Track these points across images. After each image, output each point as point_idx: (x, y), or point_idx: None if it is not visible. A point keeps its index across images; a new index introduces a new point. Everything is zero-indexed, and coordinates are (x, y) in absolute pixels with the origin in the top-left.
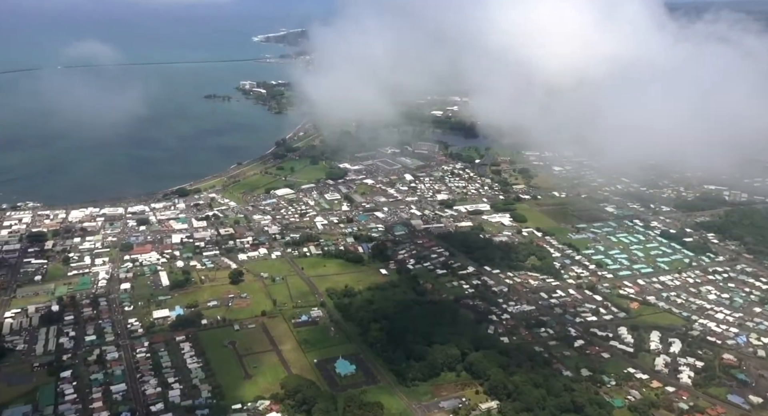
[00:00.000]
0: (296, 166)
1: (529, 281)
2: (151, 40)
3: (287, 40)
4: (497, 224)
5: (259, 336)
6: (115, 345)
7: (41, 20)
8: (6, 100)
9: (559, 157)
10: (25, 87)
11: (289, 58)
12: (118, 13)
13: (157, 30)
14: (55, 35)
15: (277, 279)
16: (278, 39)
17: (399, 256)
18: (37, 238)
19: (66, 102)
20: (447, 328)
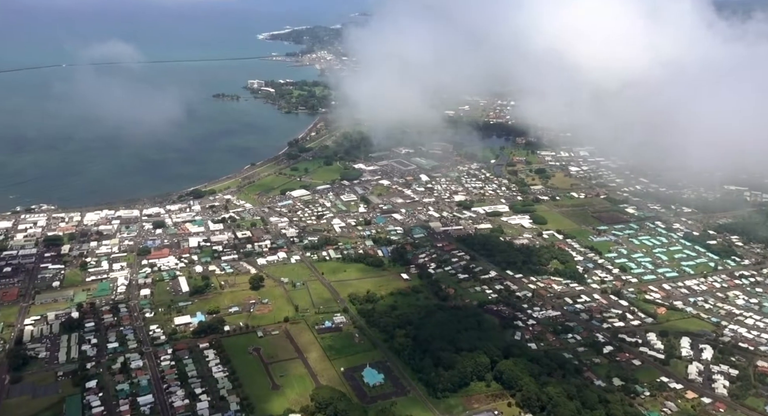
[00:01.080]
0: (310, 167)
1: (553, 286)
2: (154, 38)
3: (292, 38)
4: (517, 227)
5: (283, 342)
6: (139, 353)
7: (48, 18)
8: (14, 100)
9: (575, 157)
10: (31, 86)
11: (296, 56)
12: (123, 11)
13: (160, 27)
14: (60, 33)
15: (298, 284)
16: (283, 37)
17: (419, 260)
18: (53, 242)
19: (72, 102)
20: (473, 334)
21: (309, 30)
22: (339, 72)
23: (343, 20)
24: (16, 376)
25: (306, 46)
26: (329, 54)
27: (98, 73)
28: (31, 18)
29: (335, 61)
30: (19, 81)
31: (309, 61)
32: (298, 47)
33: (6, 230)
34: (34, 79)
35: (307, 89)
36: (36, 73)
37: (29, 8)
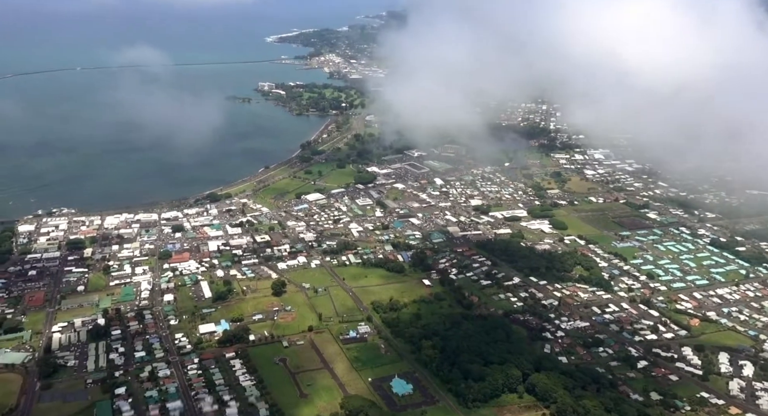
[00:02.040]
0: (323, 170)
1: (579, 294)
2: (163, 41)
3: (300, 41)
4: (537, 232)
5: (308, 353)
6: (166, 362)
7: (62, 22)
8: (30, 103)
9: (590, 160)
10: (46, 89)
11: (304, 58)
12: (130, 15)
13: (169, 31)
14: (74, 37)
15: (320, 291)
16: (291, 39)
17: (440, 265)
18: (75, 246)
19: (86, 105)
20: (502, 347)
21: (316, 33)
22: (374, 77)
23: (349, 23)
24: (47, 383)
25: (314, 49)
26: (337, 57)
27: (111, 77)
28: (45, 22)
29: (343, 63)
30: (35, 84)
31: (317, 64)
32: (306, 50)
33: (29, 234)
34: (49, 83)
35: (317, 92)
36: (51, 77)
37: (45, 13)
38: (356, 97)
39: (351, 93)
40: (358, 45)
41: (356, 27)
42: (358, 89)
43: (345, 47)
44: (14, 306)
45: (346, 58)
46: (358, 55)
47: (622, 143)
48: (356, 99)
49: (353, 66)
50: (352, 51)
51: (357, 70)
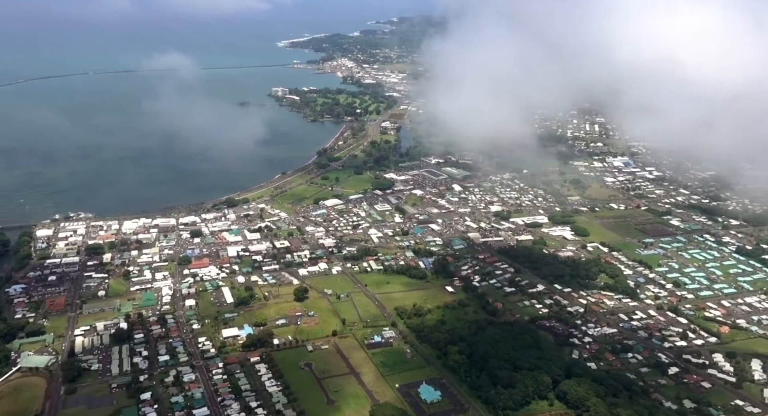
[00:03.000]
0: (340, 176)
1: (605, 301)
2: (175, 47)
3: (312, 46)
4: (559, 238)
5: (333, 358)
6: (190, 366)
7: (79, 27)
8: (44, 109)
9: (610, 167)
10: (59, 94)
11: (316, 63)
12: (143, 20)
13: (181, 36)
14: (90, 41)
15: (342, 296)
16: (303, 44)
17: (462, 272)
18: (94, 251)
19: (98, 109)
20: (531, 353)
21: (328, 37)
22: (388, 81)
23: (360, 28)
24: (71, 387)
25: (326, 54)
26: (350, 61)
27: (122, 81)
28: (61, 27)
29: (356, 68)
30: (48, 89)
31: (330, 69)
32: (317, 55)
33: (47, 238)
34: (61, 87)
35: (331, 97)
36: (63, 81)
37: (60, 18)
38: (371, 103)
39: (365, 99)
40: (371, 49)
41: (367, 32)
42: (373, 94)
43: (357, 52)
44: (35, 310)
45: (359, 63)
46: (371, 60)
47: (641, 151)
48: (371, 105)
49: (366, 70)
50: (365, 55)
51: (370, 74)
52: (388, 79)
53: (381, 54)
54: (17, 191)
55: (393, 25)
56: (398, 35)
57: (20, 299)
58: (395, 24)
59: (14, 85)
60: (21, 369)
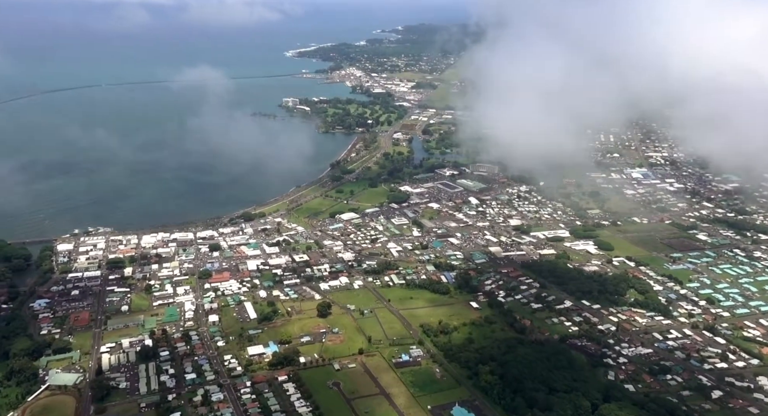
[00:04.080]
0: (355, 189)
1: (636, 319)
2: (187, 58)
3: (319, 55)
4: (582, 253)
5: (362, 377)
6: (218, 385)
7: (99, 40)
8: (58, 121)
9: (628, 179)
10: (73, 106)
11: (325, 72)
12: (165, 33)
13: (194, 47)
14: (106, 54)
15: (366, 312)
16: (310, 54)
17: (486, 287)
18: (115, 265)
19: (109, 123)
20: (566, 374)
21: (335, 47)
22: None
23: (366, 37)
24: (101, 407)
25: (334, 63)
26: (358, 70)
27: (134, 93)
28: (82, 40)
29: (365, 77)
30: (63, 101)
31: (339, 78)
32: (325, 64)
33: (68, 252)
34: (76, 100)
35: (341, 107)
36: (77, 94)
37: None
38: (381, 113)
39: (375, 109)
40: (378, 58)
41: (373, 41)
42: (383, 104)
43: (364, 61)
44: (60, 326)
45: (367, 72)
46: (378, 69)
47: (660, 162)
48: (381, 115)
49: (375, 79)
50: (372, 64)
51: (379, 83)
52: (397, 89)
53: (388, 63)
54: (36, 205)
55: (398, 34)
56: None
57: (45, 315)
58: (400, 33)
59: (29, 98)
60: (50, 387)
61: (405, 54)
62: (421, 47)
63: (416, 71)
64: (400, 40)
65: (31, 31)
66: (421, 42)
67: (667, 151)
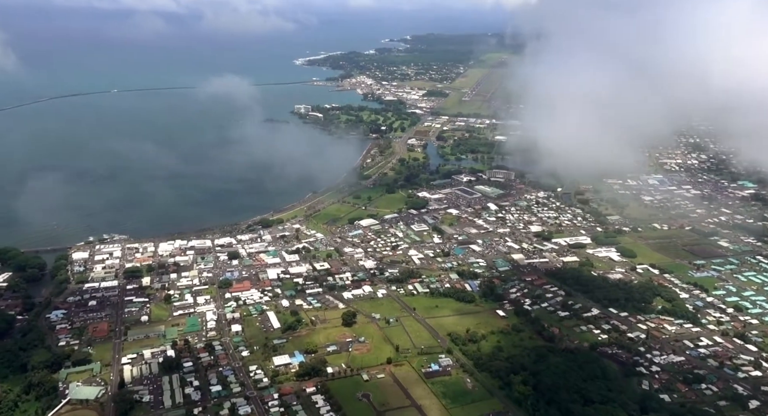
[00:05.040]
0: (372, 195)
1: (665, 327)
2: (198, 65)
3: (329, 63)
4: (606, 260)
5: (391, 388)
6: (244, 398)
7: (113, 46)
8: (72, 126)
9: (645, 185)
10: (85, 112)
11: (335, 80)
12: (180, 42)
13: (207, 55)
14: (118, 60)
15: (391, 321)
16: (319, 62)
17: (511, 295)
18: (133, 274)
19: (118, 128)
20: (600, 384)
21: (344, 55)
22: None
23: (375, 46)
24: None
25: (344, 71)
26: (368, 78)
27: (145, 100)
28: (92, 47)
29: (375, 85)
30: (72, 107)
31: (350, 86)
32: (336, 72)
33: (84, 261)
34: (88, 105)
35: (354, 114)
36: (87, 99)
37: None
38: (394, 120)
39: (388, 115)
40: (388, 67)
41: (382, 50)
42: (395, 111)
43: (374, 69)
44: (78, 337)
45: (378, 80)
46: (389, 77)
47: (675, 169)
48: (394, 121)
49: (386, 87)
50: (382, 73)
51: (390, 91)
52: (408, 96)
53: (398, 71)
54: (48, 212)
55: (407, 43)
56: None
57: (62, 326)
58: (409, 42)
59: (35, 104)
60: (71, 402)
61: (414, 63)
62: (431, 56)
63: (426, 80)
64: (408, 50)
65: (45, 38)
66: (429, 51)
67: (680, 158)
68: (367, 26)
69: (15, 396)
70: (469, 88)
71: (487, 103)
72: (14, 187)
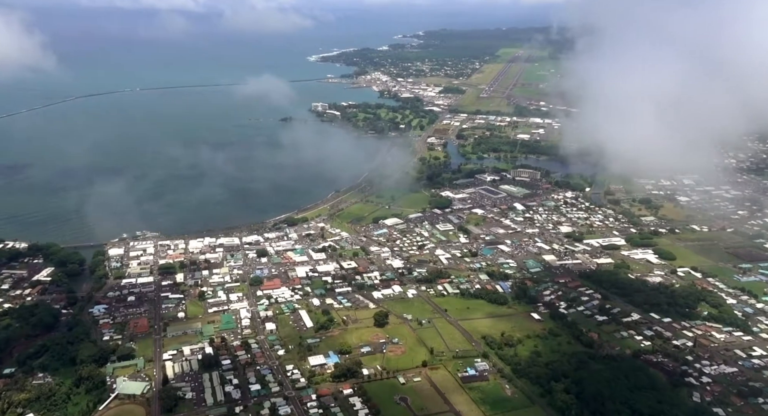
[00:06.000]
0: (395, 194)
1: (713, 334)
2: (216, 63)
3: (343, 60)
4: (643, 262)
5: (428, 392)
6: (283, 397)
7: (134, 45)
8: (98, 125)
9: (680, 185)
10: (104, 110)
11: (350, 77)
12: (200, 37)
13: (224, 54)
14: (135, 60)
15: (424, 322)
16: (333, 58)
17: (545, 297)
18: (167, 271)
19: (141, 126)
20: (648, 395)
21: (358, 52)
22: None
23: (388, 42)
24: None
25: (359, 68)
26: (383, 75)
27: (166, 97)
28: (115, 47)
29: (391, 81)
30: (96, 105)
31: (365, 83)
32: (349, 69)
33: (120, 257)
34: (109, 103)
35: (371, 112)
36: (109, 98)
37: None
38: (412, 118)
39: (406, 113)
40: (402, 63)
41: (396, 46)
42: (413, 109)
43: (389, 65)
44: (121, 332)
45: (393, 77)
46: (404, 73)
47: (713, 168)
48: (413, 119)
49: (401, 84)
50: (397, 69)
51: (406, 88)
52: (425, 93)
53: (413, 67)
54: (80, 210)
55: (420, 39)
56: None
57: (105, 320)
58: (422, 38)
59: (63, 103)
60: (119, 396)
61: (429, 59)
62: (445, 52)
63: (442, 76)
64: (422, 46)
65: (74, 38)
66: (443, 47)
67: (716, 157)
68: (379, 22)
69: (67, 389)
70: (486, 84)
71: (506, 99)
72: (49, 185)
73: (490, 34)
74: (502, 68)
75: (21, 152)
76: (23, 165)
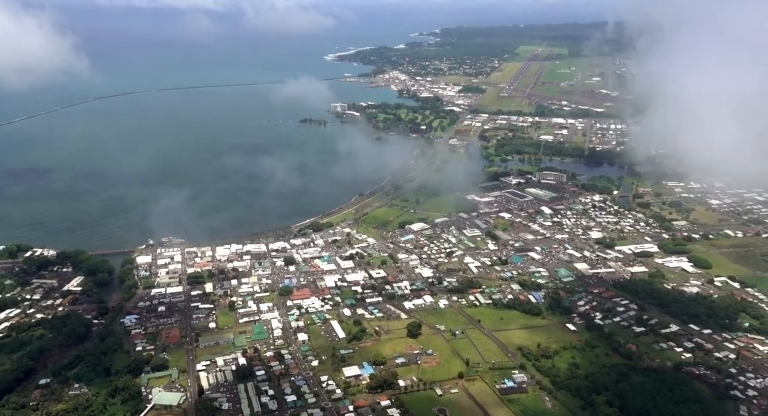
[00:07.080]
0: (420, 197)
1: (756, 346)
2: (229, 63)
3: (359, 59)
4: (677, 271)
5: (467, 404)
6: (320, 409)
7: (146, 48)
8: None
9: (711, 188)
10: (121, 111)
11: (368, 76)
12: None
13: (244, 54)
14: (153, 61)
15: (458, 333)
16: (350, 57)
17: (579, 308)
18: (196, 280)
19: (158, 129)
20: (694, 407)
21: (374, 50)
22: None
23: (405, 40)
24: None
25: (376, 67)
26: (402, 74)
27: (183, 97)
28: (139, 47)
29: (410, 81)
30: (114, 107)
31: (383, 82)
32: (366, 68)
33: (148, 265)
34: (127, 104)
35: (392, 112)
36: (128, 99)
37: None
38: (433, 118)
39: (426, 114)
40: (420, 62)
41: (413, 44)
42: (433, 109)
43: (406, 64)
44: (153, 343)
45: (411, 75)
46: (422, 72)
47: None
48: (433, 120)
49: (420, 83)
50: (415, 68)
51: (425, 87)
52: (444, 92)
53: (431, 66)
54: (104, 216)
55: (436, 37)
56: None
57: (137, 331)
58: (438, 36)
59: (82, 105)
60: (155, 407)
61: (446, 57)
62: (463, 50)
63: (461, 74)
64: (439, 43)
65: (94, 38)
66: (461, 45)
67: None
68: (395, 20)
69: (103, 400)
70: (506, 83)
71: (527, 99)
72: (72, 190)
73: (508, 31)
74: (521, 66)
75: (42, 156)
76: (45, 169)
